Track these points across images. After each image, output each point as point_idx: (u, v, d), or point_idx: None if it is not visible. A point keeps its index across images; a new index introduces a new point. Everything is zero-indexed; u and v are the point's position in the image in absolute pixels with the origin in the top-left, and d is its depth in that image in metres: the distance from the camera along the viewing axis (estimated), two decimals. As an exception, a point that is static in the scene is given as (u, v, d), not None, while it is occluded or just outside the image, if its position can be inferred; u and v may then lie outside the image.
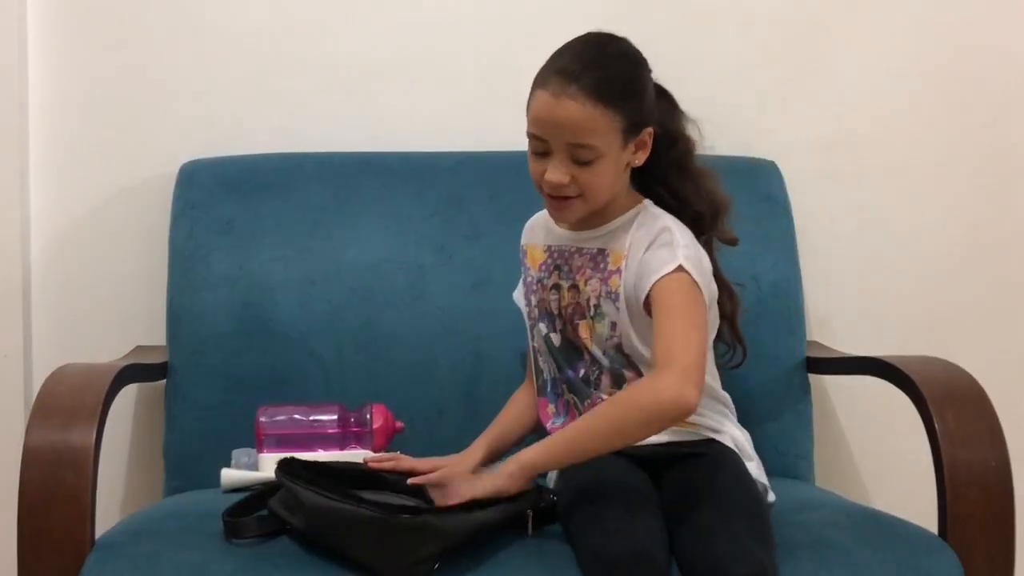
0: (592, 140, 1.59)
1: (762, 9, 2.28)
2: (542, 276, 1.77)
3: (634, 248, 1.66)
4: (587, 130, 1.59)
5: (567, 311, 1.73)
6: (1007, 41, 2.30)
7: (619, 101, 1.60)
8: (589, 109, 1.58)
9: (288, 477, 1.56)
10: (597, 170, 1.62)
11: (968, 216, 2.31)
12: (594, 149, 1.60)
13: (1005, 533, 1.66)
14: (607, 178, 1.63)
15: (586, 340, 1.71)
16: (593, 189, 1.63)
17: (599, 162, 1.61)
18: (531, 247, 1.81)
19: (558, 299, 1.74)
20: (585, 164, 1.61)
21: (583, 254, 1.72)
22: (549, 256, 1.77)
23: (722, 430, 1.72)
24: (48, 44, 2.18)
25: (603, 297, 1.68)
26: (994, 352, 2.29)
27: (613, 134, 1.61)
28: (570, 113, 1.59)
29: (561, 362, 1.75)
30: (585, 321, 1.70)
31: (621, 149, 1.63)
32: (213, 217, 2.07)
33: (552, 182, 1.62)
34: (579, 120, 1.59)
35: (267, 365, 2.01)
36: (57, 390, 1.68)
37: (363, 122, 2.22)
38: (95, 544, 1.57)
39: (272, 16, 2.22)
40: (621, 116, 1.60)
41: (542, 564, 1.52)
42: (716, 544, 1.47)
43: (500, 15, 2.24)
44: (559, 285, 1.74)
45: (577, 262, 1.72)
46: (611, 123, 1.60)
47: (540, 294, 1.77)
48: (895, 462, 2.27)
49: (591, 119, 1.59)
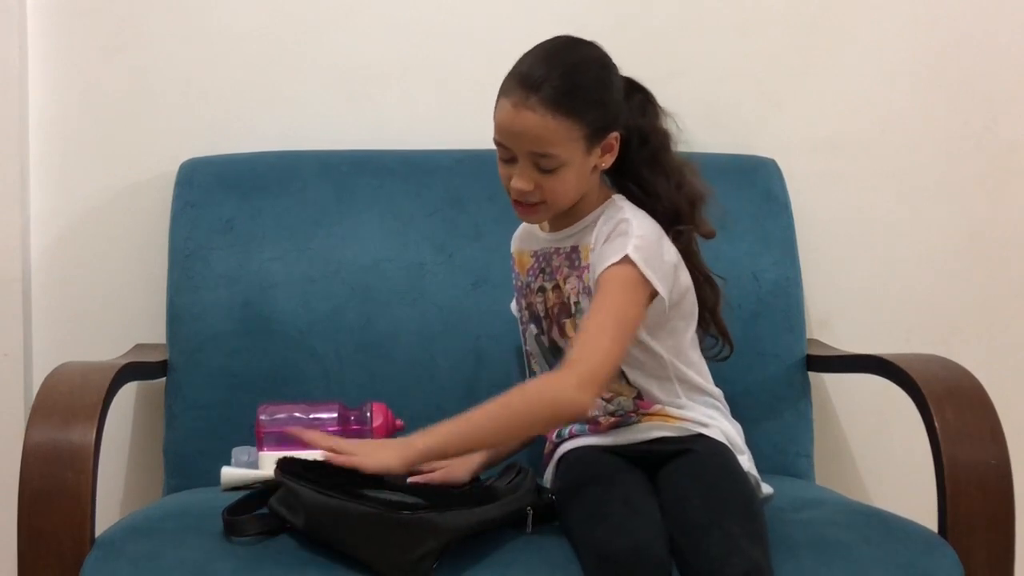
0: (553, 150, 1.61)
1: (762, 9, 2.28)
2: (530, 280, 1.78)
3: (598, 241, 1.67)
4: (547, 141, 1.60)
5: (553, 311, 1.74)
6: (1007, 41, 2.30)
7: (579, 110, 1.60)
8: (548, 120, 1.59)
9: (288, 476, 1.56)
10: (561, 177, 1.63)
11: (968, 214, 2.31)
12: (556, 158, 1.61)
13: (1005, 532, 1.66)
14: (571, 184, 1.65)
15: (572, 338, 1.71)
16: (557, 195, 1.65)
17: (562, 169, 1.62)
18: (520, 253, 1.82)
19: (544, 300, 1.75)
20: (548, 172, 1.62)
21: (560, 254, 1.73)
22: (536, 260, 1.78)
23: (711, 424, 1.72)
24: (48, 44, 2.18)
25: (581, 293, 1.69)
26: (994, 350, 2.29)
27: (575, 142, 1.61)
28: (529, 124, 1.60)
29: (553, 362, 1.75)
30: (570, 320, 1.71)
31: (585, 155, 1.64)
32: (213, 216, 2.07)
33: (517, 189, 1.64)
34: (539, 131, 1.60)
35: (267, 364, 2.01)
36: (57, 388, 1.68)
37: (363, 121, 2.23)
38: (95, 542, 1.57)
39: (272, 16, 2.22)
40: (582, 124, 1.61)
41: (542, 561, 1.52)
42: (710, 543, 1.47)
43: (500, 14, 2.24)
44: (543, 287, 1.75)
45: (556, 262, 1.73)
46: (571, 132, 1.60)
47: (528, 297, 1.78)
48: (895, 460, 2.27)
49: (550, 130, 1.59)
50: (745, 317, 2.06)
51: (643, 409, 1.70)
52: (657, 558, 1.46)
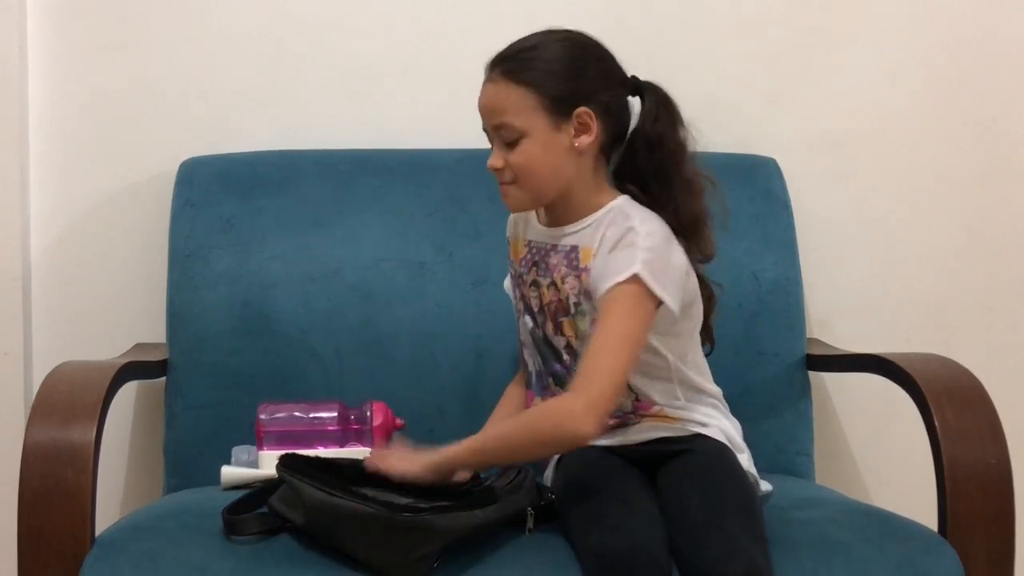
0: (507, 119, 1.63)
1: (762, 9, 2.28)
2: (522, 271, 1.77)
3: (603, 246, 1.64)
4: (500, 109, 1.64)
5: (550, 308, 1.72)
6: (1007, 40, 2.30)
7: (533, 79, 1.62)
8: (501, 87, 1.64)
9: (289, 473, 1.56)
10: (524, 150, 1.63)
11: (968, 213, 2.31)
12: (512, 128, 1.63)
13: (1005, 531, 1.66)
14: (539, 158, 1.64)
15: (571, 338, 1.70)
16: (524, 171, 1.65)
17: (524, 142, 1.63)
18: (514, 240, 1.81)
19: (538, 296, 1.73)
20: (512, 146, 1.64)
21: (558, 252, 1.71)
22: (529, 251, 1.76)
23: (710, 423, 1.72)
24: (48, 44, 2.18)
25: (580, 295, 1.68)
26: (994, 349, 2.29)
27: (531, 112, 1.62)
28: (487, 95, 1.66)
29: (546, 355, 1.75)
30: (569, 319, 1.70)
31: (550, 129, 1.63)
32: (213, 215, 2.07)
33: (489, 166, 1.67)
34: (493, 100, 1.65)
35: (267, 363, 2.01)
36: (57, 388, 1.68)
37: (363, 120, 2.23)
38: (95, 542, 1.57)
39: (272, 15, 2.22)
40: (537, 93, 1.62)
41: (542, 561, 1.53)
42: (709, 543, 1.47)
43: (500, 14, 2.24)
44: (537, 282, 1.73)
45: (553, 260, 1.71)
46: (525, 100, 1.62)
47: (521, 289, 1.77)
48: (895, 459, 2.27)
49: (502, 97, 1.63)
50: (745, 317, 2.06)
51: (642, 410, 1.70)
52: (655, 558, 1.46)
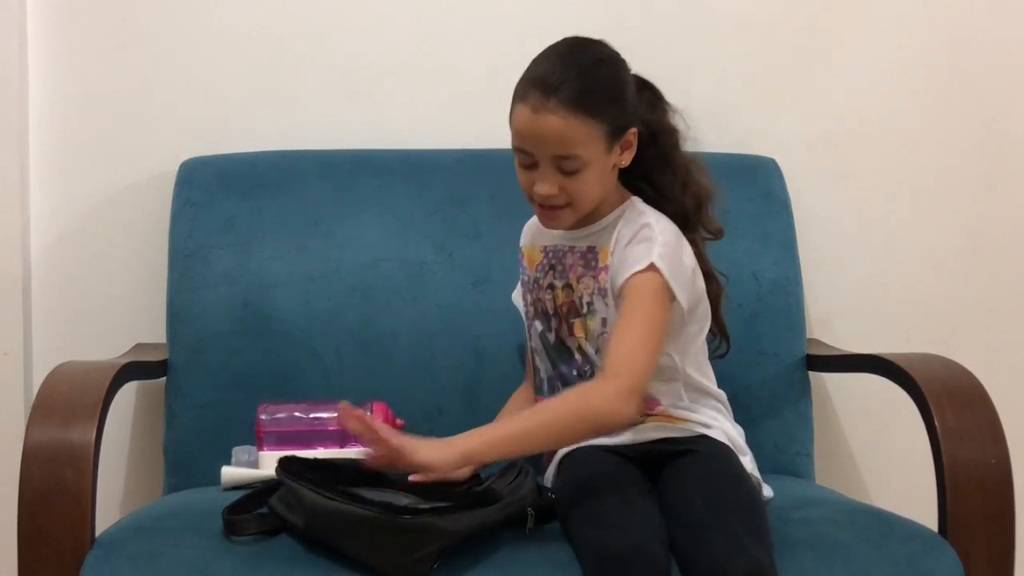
0: (576, 151, 1.61)
1: (762, 9, 2.27)
2: (538, 276, 1.78)
3: (618, 244, 1.67)
4: (570, 141, 1.60)
5: (562, 310, 1.73)
6: (1006, 39, 2.30)
7: (600, 109, 1.61)
8: (571, 121, 1.59)
9: (288, 475, 1.56)
10: (585, 178, 1.63)
11: (968, 213, 2.31)
12: (579, 159, 1.61)
13: (1005, 531, 1.66)
14: (595, 184, 1.65)
15: (581, 339, 1.71)
16: (582, 196, 1.65)
17: (586, 170, 1.62)
18: (528, 248, 1.82)
19: (552, 298, 1.75)
20: (572, 173, 1.62)
21: (575, 253, 1.73)
22: (545, 256, 1.78)
23: (713, 425, 1.72)
24: (48, 44, 2.18)
25: (595, 294, 1.69)
26: (994, 349, 2.29)
27: (597, 142, 1.62)
28: (552, 127, 1.60)
29: (556, 359, 1.75)
30: (579, 320, 1.71)
31: (606, 154, 1.64)
32: (213, 215, 2.07)
33: (542, 194, 1.64)
34: (562, 133, 1.60)
35: (267, 363, 2.01)
36: (57, 388, 1.68)
37: (363, 120, 2.23)
38: (95, 542, 1.57)
39: (272, 15, 2.22)
40: (603, 123, 1.61)
41: (542, 561, 1.52)
42: (713, 542, 1.47)
43: (500, 14, 2.24)
44: (553, 284, 1.75)
45: (569, 261, 1.73)
46: (593, 131, 1.61)
47: (536, 293, 1.78)
48: (895, 460, 2.27)
49: (573, 131, 1.59)
50: (745, 317, 2.05)
51: (647, 409, 1.70)
52: (655, 558, 1.46)
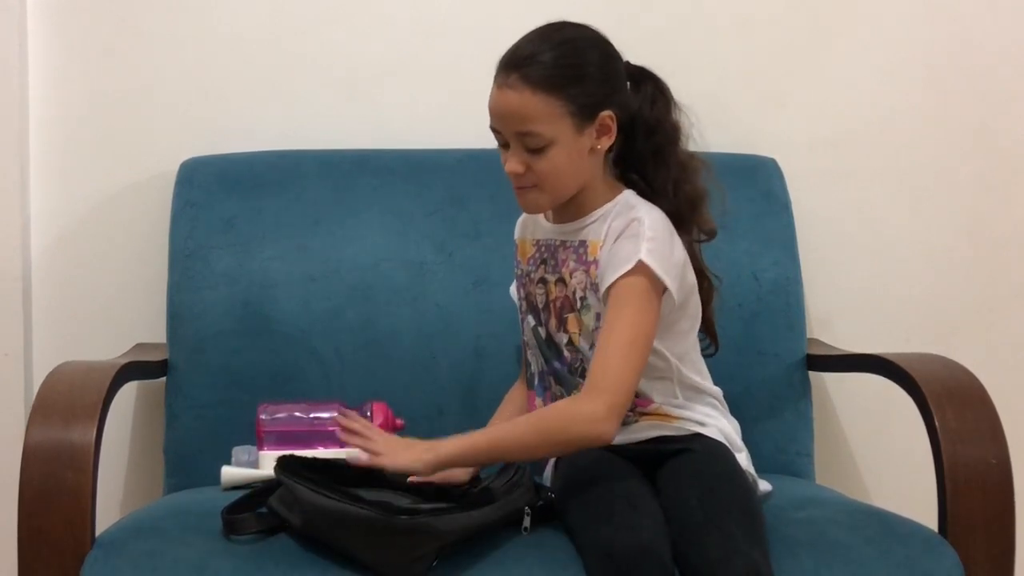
0: (535, 127, 1.61)
1: (762, 8, 2.28)
2: (530, 269, 1.77)
3: (608, 238, 1.66)
4: (528, 117, 1.61)
5: (555, 305, 1.72)
6: (1006, 39, 2.30)
7: (560, 86, 1.61)
8: (527, 97, 1.60)
9: (287, 475, 1.56)
10: (550, 157, 1.62)
11: (968, 213, 2.31)
12: (540, 136, 1.61)
13: (1005, 531, 1.66)
14: (562, 164, 1.64)
15: (574, 334, 1.70)
16: (549, 176, 1.64)
17: (551, 149, 1.62)
18: (522, 241, 1.81)
19: (544, 293, 1.74)
20: (537, 152, 1.62)
21: (567, 247, 1.72)
22: (537, 250, 1.77)
23: (709, 423, 1.72)
24: (48, 44, 2.18)
25: (588, 289, 1.68)
26: (994, 349, 2.29)
27: (559, 120, 1.61)
28: (510, 103, 1.61)
29: (548, 355, 1.75)
30: (573, 315, 1.70)
31: (575, 134, 1.63)
32: (213, 215, 2.07)
33: (509, 172, 1.65)
34: (518, 109, 1.61)
35: (267, 363, 2.01)
36: (57, 388, 1.68)
37: (363, 120, 2.23)
38: (95, 542, 1.57)
39: (272, 14, 2.22)
40: (564, 101, 1.61)
41: (542, 561, 1.52)
42: (708, 544, 1.47)
43: (500, 13, 2.23)
44: (545, 279, 1.74)
45: (562, 255, 1.72)
46: (554, 109, 1.61)
47: (528, 287, 1.78)
48: (895, 459, 2.27)
49: (529, 107, 1.61)
50: (745, 317, 2.05)
51: (640, 408, 1.70)
52: (662, 558, 1.46)
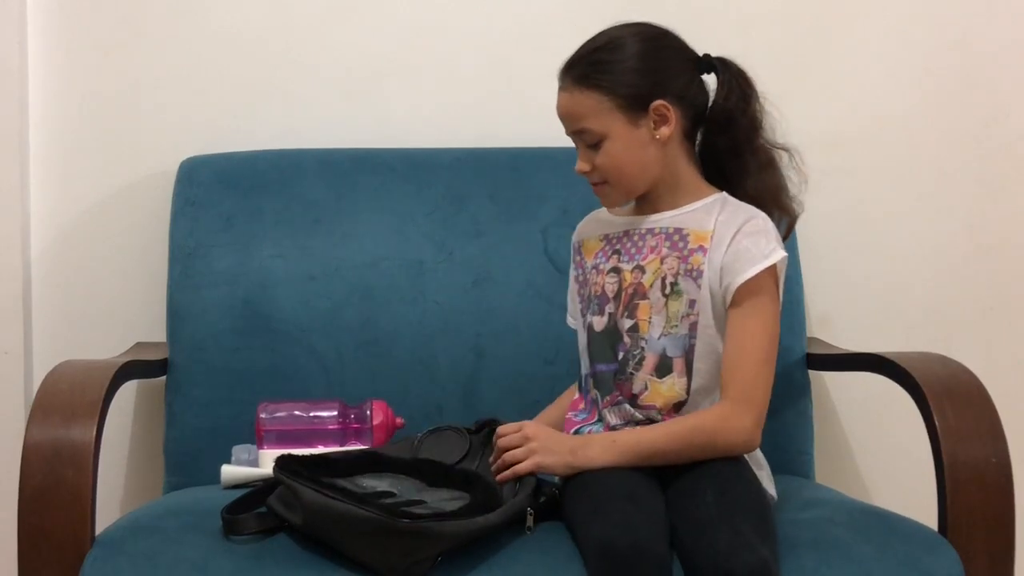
0: (585, 124, 1.67)
1: (762, 7, 2.28)
2: (598, 263, 1.77)
3: (721, 229, 1.68)
4: (577, 116, 1.68)
5: (628, 291, 1.72)
6: (1006, 39, 2.30)
7: (604, 81, 1.66)
8: (576, 96, 1.68)
9: (286, 474, 1.56)
10: (607, 151, 1.68)
11: (968, 212, 2.31)
12: (592, 132, 1.67)
13: (1005, 530, 1.66)
14: (621, 157, 1.68)
15: (643, 321, 1.70)
16: (611, 170, 1.69)
17: (606, 143, 1.67)
18: (586, 240, 1.82)
19: (617, 281, 1.73)
20: (595, 148, 1.68)
21: (656, 234, 1.72)
22: (607, 243, 1.77)
23: None
24: (48, 44, 2.18)
25: (681, 275, 1.69)
26: (994, 348, 2.29)
27: (607, 114, 1.66)
28: (563, 104, 1.70)
29: (596, 352, 1.74)
30: (646, 302, 1.70)
31: (628, 126, 1.67)
32: (213, 214, 2.08)
33: (578, 170, 1.71)
34: (569, 109, 1.69)
35: (267, 362, 2.01)
36: (57, 387, 1.68)
37: (363, 119, 2.23)
38: (95, 541, 1.57)
39: (272, 14, 2.22)
40: (605, 95, 1.66)
41: (542, 561, 1.52)
42: (717, 538, 1.47)
43: (501, 12, 2.24)
44: (619, 268, 1.74)
45: (651, 242, 1.72)
46: (600, 104, 1.66)
47: (596, 279, 1.76)
48: (895, 458, 2.27)
49: (576, 105, 1.68)
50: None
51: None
52: (657, 554, 1.46)
